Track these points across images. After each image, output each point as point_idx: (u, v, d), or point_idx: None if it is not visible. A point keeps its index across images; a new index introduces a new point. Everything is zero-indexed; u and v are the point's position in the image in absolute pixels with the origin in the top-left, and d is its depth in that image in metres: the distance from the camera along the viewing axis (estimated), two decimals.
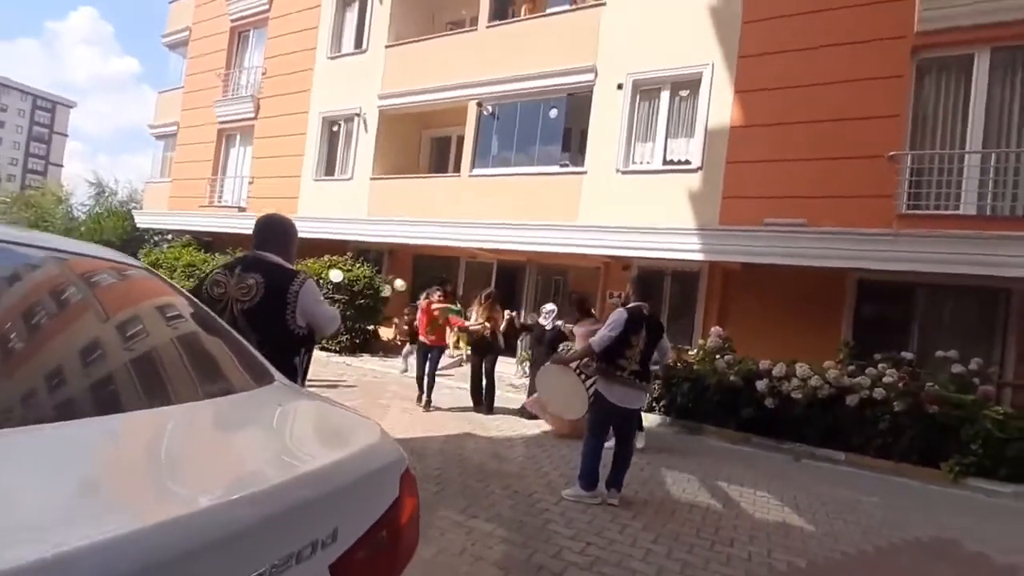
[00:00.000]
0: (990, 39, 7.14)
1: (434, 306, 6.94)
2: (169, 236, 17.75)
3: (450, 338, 7.42)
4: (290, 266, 2.41)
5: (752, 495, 4.61)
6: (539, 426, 6.37)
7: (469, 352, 7.73)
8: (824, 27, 7.84)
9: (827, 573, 3.21)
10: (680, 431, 7.25)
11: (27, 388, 1.02)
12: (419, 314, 7.25)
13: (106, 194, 23.84)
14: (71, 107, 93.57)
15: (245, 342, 1.61)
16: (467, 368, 7.39)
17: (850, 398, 6.67)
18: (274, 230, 2.48)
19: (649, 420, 7.49)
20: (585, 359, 4.67)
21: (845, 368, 6.93)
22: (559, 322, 7.06)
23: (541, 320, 7.07)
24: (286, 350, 2.24)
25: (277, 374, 1.55)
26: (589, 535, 3.37)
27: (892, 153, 7.35)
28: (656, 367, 4.72)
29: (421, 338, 7.07)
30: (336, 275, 9.20)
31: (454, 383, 8.26)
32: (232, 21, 15.55)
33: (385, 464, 1.18)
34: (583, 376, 5.00)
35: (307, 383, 6.83)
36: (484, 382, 7.03)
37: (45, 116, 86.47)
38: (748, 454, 6.43)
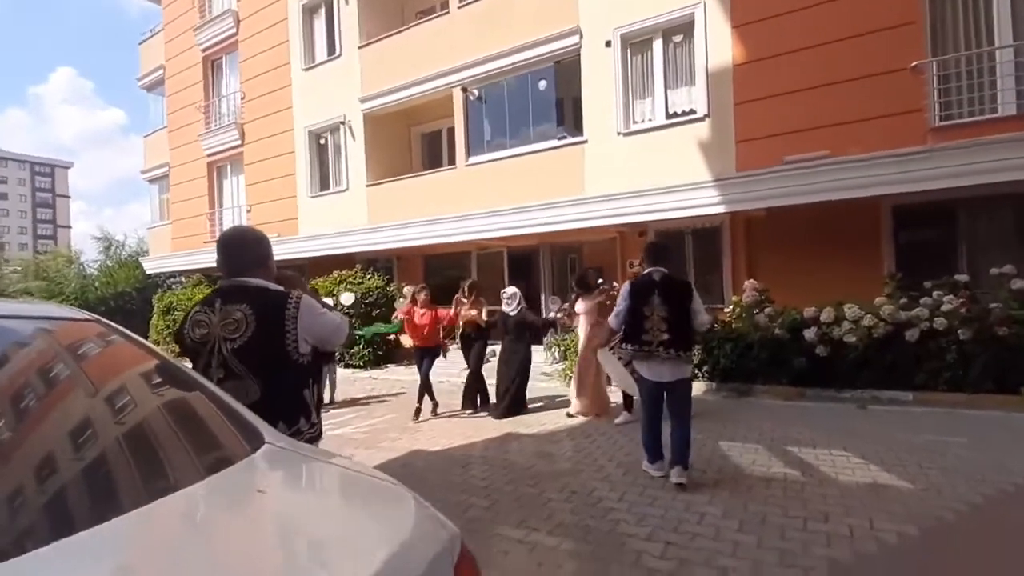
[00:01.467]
0: None
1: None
2: (182, 278, 17.69)
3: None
4: (276, 286, 2.01)
5: (829, 456, 4.21)
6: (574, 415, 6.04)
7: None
8: None
9: (946, 539, 2.82)
10: (728, 395, 6.85)
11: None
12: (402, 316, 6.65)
13: (114, 247, 23.94)
14: (68, 167, 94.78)
15: (224, 395, 1.26)
16: (493, 364, 6.98)
17: (909, 333, 6.20)
18: (246, 246, 2.04)
19: (693, 388, 7.11)
20: (613, 341, 4.51)
21: (897, 302, 6.44)
22: (522, 306, 6.50)
23: (503, 307, 6.49)
24: (293, 386, 1.92)
25: (268, 431, 1.21)
26: (666, 532, 3.02)
27: (915, 63, 6.77)
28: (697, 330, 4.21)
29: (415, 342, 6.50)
30: (348, 297, 8.83)
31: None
32: (203, 51, 15.26)
33: (432, 556, 0.81)
34: (619, 356, 4.75)
35: (332, 405, 6.51)
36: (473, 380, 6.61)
37: (45, 181, 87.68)
38: (807, 409, 6.01)
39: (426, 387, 6.41)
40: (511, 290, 6.57)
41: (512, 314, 6.37)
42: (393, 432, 5.82)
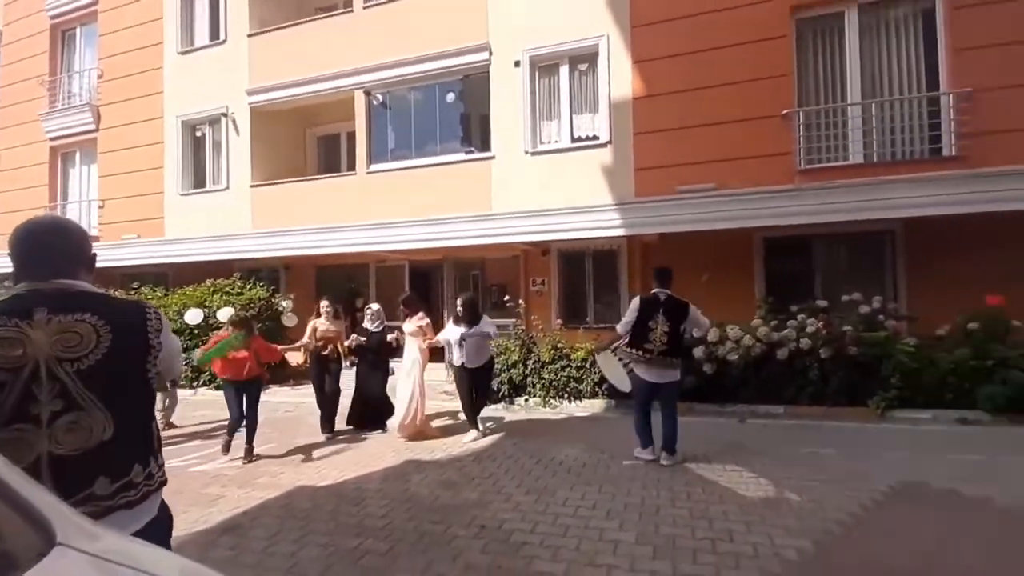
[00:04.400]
0: None
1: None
2: (4, 283, 14.71)
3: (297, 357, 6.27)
4: (116, 295, 1.56)
5: (724, 471, 4.40)
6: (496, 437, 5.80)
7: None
8: None
9: (838, 553, 2.99)
10: (626, 412, 7.01)
11: None
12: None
13: None
14: None
15: None
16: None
17: (780, 352, 6.81)
18: (69, 239, 1.54)
19: (594, 407, 7.23)
20: (617, 343, 5.08)
21: (769, 324, 7.08)
22: (382, 324, 6.42)
23: (366, 323, 6.43)
24: (145, 417, 1.53)
25: (66, 522, 0.83)
26: (581, 567, 2.88)
27: (785, 111, 7.60)
28: (698, 336, 5.64)
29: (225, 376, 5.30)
30: (194, 315, 6.98)
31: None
32: (52, 18, 13.08)
33: None
34: (619, 357, 5.20)
35: (175, 430, 5.41)
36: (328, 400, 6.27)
37: None
38: (695, 424, 6.31)
39: (239, 423, 5.36)
40: (375, 307, 6.56)
41: (375, 331, 6.30)
42: (273, 464, 5.14)
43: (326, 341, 6.25)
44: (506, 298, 9.29)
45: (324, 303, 6.50)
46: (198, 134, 11.69)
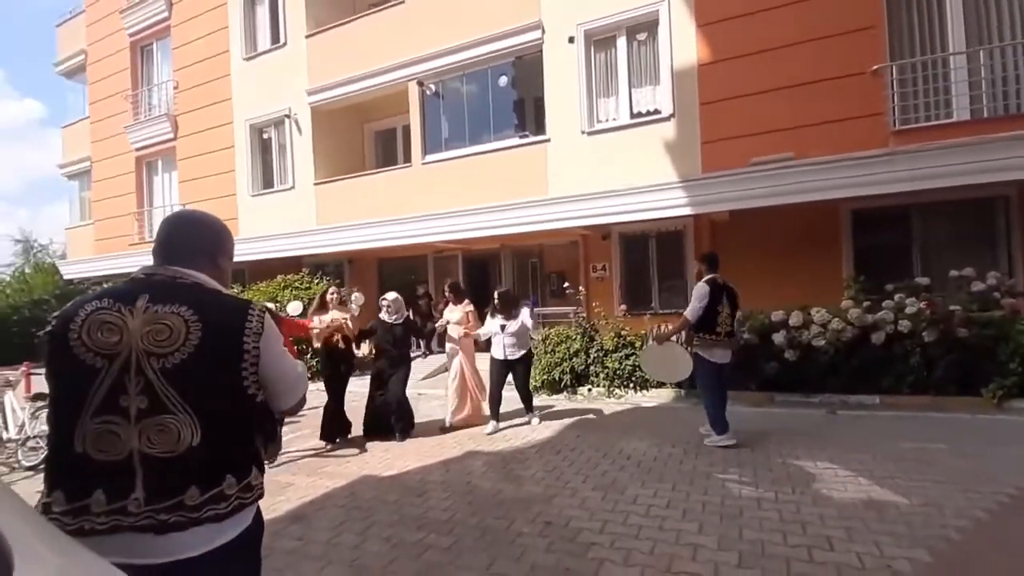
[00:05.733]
0: None
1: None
2: (105, 284, 16.15)
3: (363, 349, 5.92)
4: (230, 292, 1.45)
5: (815, 468, 3.95)
6: (506, 436, 5.62)
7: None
8: None
9: (961, 567, 2.55)
10: (697, 403, 6.58)
11: None
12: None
13: (34, 250, 21.82)
14: None
15: None
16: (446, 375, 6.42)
17: (875, 336, 6.14)
18: (198, 226, 1.49)
19: (662, 396, 6.86)
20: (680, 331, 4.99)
21: (862, 305, 6.39)
22: (406, 313, 5.97)
23: (383, 315, 5.74)
24: (241, 432, 1.35)
25: (31, 560, 0.69)
26: (658, 573, 2.62)
27: (875, 67, 6.79)
28: (743, 328, 5.71)
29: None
30: (295, 307, 6.66)
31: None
32: (131, 36, 14.01)
33: None
34: (685, 345, 5.06)
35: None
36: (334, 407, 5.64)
37: None
38: (779, 415, 5.82)
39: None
40: (392, 296, 5.85)
41: (397, 323, 5.72)
42: (337, 453, 5.20)
43: (334, 330, 5.51)
44: (566, 285, 9.02)
45: (331, 290, 5.80)
46: (265, 136, 12.17)
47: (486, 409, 5.93)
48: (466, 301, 6.23)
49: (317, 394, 6.25)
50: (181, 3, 13.02)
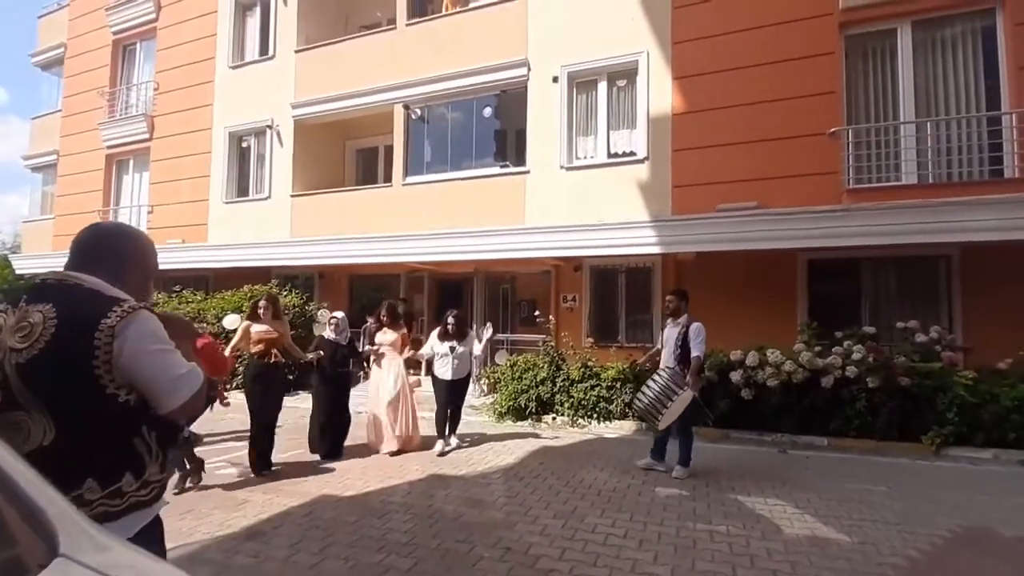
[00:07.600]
0: (910, 12, 7.30)
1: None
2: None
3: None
4: (118, 293, 1.37)
5: (765, 505, 4.14)
6: (498, 454, 5.67)
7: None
8: (754, 9, 7.77)
9: None
10: (652, 435, 6.76)
11: None
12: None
13: None
14: None
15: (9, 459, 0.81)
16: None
17: (824, 379, 6.46)
18: (108, 237, 1.48)
19: (623, 428, 7.01)
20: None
21: (813, 349, 6.75)
22: (347, 334, 5.86)
23: (327, 334, 5.65)
24: (107, 434, 1.28)
25: (73, 529, 0.76)
26: None
27: (833, 129, 7.33)
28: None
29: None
30: (232, 320, 6.29)
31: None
32: (115, 34, 13.84)
33: None
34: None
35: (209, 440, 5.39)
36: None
37: None
38: (732, 452, 6.05)
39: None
40: (339, 315, 5.86)
41: (344, 342, 5.77)
42: (293, 471, 5.11)
43: (265, 344, 5.09)
44: (536, 313, 9.20)
45: (262, 302, 5.31)
46: (244, 145, 12.10)
47: (422, 431, 6.06)
48: (400, 323, 6.23)
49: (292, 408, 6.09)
50: (169, 7, 12.99)
